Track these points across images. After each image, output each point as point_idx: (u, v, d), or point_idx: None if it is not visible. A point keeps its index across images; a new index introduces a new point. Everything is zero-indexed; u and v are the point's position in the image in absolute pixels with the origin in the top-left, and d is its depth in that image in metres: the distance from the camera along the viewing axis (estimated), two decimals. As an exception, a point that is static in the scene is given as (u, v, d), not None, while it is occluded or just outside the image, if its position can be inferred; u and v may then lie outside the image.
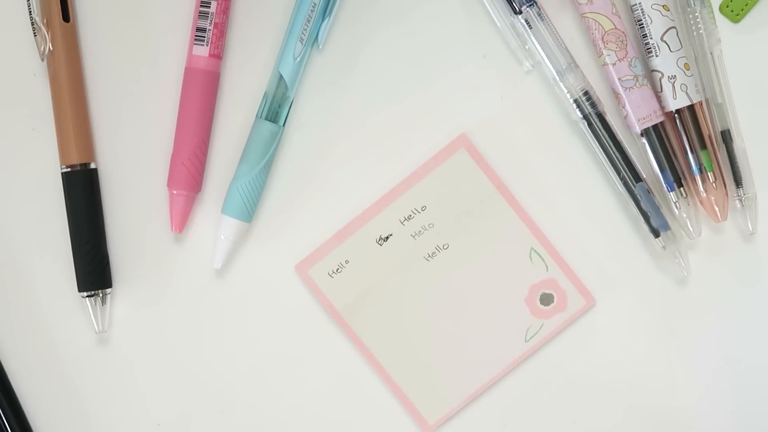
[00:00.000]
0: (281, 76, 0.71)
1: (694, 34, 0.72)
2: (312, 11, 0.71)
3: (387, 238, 0.73)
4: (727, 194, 0.72)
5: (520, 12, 0.71)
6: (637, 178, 0.71)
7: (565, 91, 0.72)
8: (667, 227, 0.71)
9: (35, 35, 0.71)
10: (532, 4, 0.71)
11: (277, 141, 0.72)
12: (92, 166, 0.72)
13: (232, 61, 0.73)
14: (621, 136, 0.72)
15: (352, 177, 0.73)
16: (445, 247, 0.73)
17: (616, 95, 0.72)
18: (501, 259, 0.73)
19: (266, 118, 0.72)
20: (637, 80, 0.71)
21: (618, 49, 0.71)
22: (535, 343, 0.73)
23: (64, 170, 0.71)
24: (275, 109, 0.72)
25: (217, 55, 0.72)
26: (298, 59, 0.71)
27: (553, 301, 0.73)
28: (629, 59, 0.71)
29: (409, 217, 0.73)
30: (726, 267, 0.74)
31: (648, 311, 0.74)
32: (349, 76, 0.73)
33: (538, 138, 0.73)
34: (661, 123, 0.72)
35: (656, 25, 0.71)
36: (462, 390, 0.73)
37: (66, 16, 0.71)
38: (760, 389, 0.74)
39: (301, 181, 0.73)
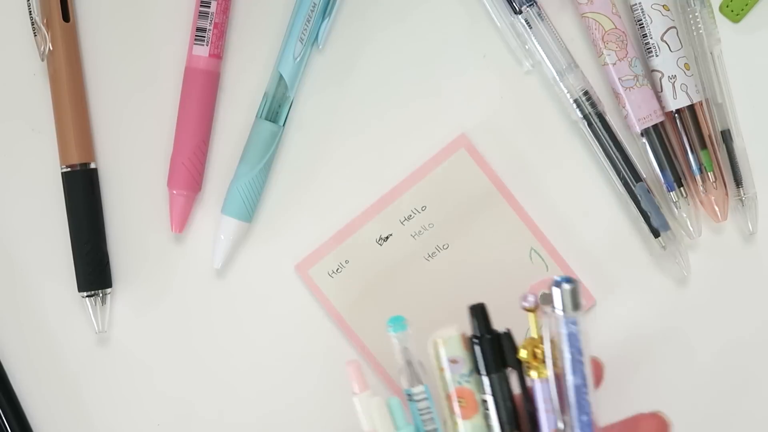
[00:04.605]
0: (281, 76, 0.71)
1: (694, 34, 0.72)
2: (312, 11, 0.71)
3: (387, 238, 0.73)
4: (727, 194, 0.72)
5: (520, 12, 0.71)
6: (637, 178, 0.71)
7: (565, 91, 0.72)
8: (667, 227, 0.71)
9: (35, 35, 0.71)
10: (532, 4, 0.71)
11: (277, 141, 0.72)
12: (92, 166, 0.72)
13: (232, 61, 0.73)
14: (621, 136, 0.72)
15: (352, 177, 0.73)
16: (445, 247, 0.73)
17: (616, 95, 0.71)
18: (501, 259, 0.73)
19: (266, 118, 0.72)
20: (637, 80, 0.71)
21: (618, 49, 0.71)
22: (535, 343, 0.73)
23: (64, 170, 0.71)
24: (275, 109, 0.72)
25: (217, 55, 0.72)
26: (298, 59, 0.71)
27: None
28: (629, 59, 0.71)
29: (409, 217, 0.73)
30: (726, 267, 0.74)
31: (648, 311, 0.74)
32: (349, 76, 0.73)
33: (538, 138, 0.73)
34: (661, 123, 0.72)
35: (656, 25, 0.71)
36: (462, 390, 0.73)
37: (66, 16, 0.71)
38: (759, 389, 0.74)
39: (301, 181, 0.73)
